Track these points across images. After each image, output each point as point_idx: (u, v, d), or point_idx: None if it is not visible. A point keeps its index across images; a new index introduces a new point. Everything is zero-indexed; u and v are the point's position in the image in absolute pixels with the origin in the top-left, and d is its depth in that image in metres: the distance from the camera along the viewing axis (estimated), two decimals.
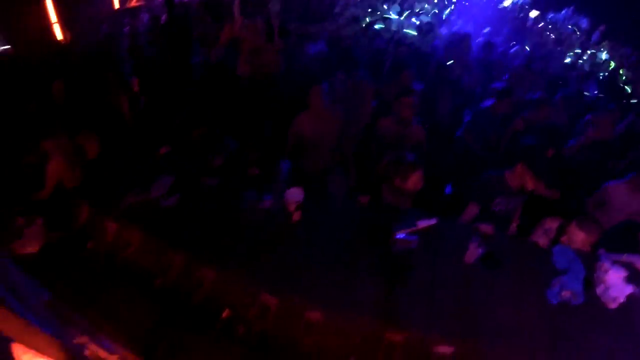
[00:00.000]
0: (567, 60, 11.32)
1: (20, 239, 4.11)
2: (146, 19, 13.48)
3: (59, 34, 15.01)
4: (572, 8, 14.56)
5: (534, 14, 14.75)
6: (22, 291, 3.07)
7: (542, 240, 4.17)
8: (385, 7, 12.66)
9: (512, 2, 16.01)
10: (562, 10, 14.64)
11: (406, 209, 4.24)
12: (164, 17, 11.91)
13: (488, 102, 6.42)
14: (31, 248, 4.05)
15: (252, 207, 3.99)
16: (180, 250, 3.72)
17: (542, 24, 13.87)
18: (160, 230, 3.97)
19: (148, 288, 3.70)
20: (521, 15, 14.88)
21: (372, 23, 10.82)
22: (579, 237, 4.05)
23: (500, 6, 15.81)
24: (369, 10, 12.14)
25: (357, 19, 10.86)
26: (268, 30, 6.61)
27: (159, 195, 4.29)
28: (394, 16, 11.54)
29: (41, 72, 8.66)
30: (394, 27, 10.83)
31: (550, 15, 14.41)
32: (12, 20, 12.37)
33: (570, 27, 13.80)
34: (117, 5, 19.16)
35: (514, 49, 10.38)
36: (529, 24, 13.91)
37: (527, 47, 10.99)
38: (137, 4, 18.57)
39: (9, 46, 11.47)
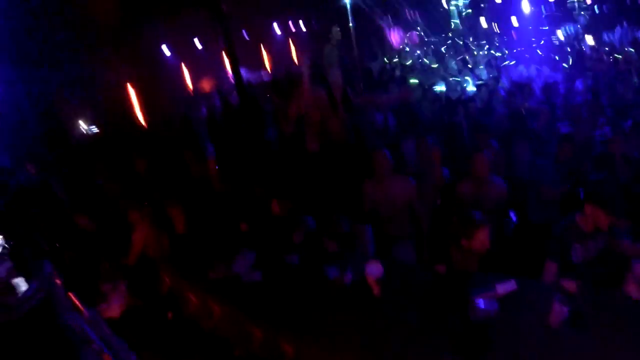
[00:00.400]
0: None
1: (105, 302, 4.26)
2: (218, 102, 14.28)
3: (140, 117, 16.09)
4: (625, 24, 14.12)
5: (590, 41, 14.43)
6: (114, 346, 3.19)
7: (634, 290, 3.76)
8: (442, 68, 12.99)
9: (565, 33, 16.07)
10: (615, 27, 14.20)
11: (485, 273, 4.09)
12: (234, 99, 12.61)
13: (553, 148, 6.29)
14: (114, 312, 4.18)
15: (334, 282, 4.03)
16: (262, 322, 3.77)
17: (600, 48, 13.39)
18: (243, 304, 4.03)
19: (227, 358, 3.75)
20: (577, 44, 14.69)
21: (431, 85, 10.94)
22: None
23: (554, 39, 15.93)
24: (429, 72, 12.42)
25: (419, 85, 11.08)
26: (331, 101, 6.67)
27: (242, 272, 4.39)
28: (455, 78, 11.72)
29: (125, 151, 9.24)
30: (457, 87, 10.95)
31: (605, 37, 13.96)
32: (99, 105, 13.39)
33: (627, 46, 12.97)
34: (191, 90, 20.47)
35: (576, 84, 9.87)
36: (586, 52, 13.49)
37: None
38: (210, 88, 19.73)
39: (96, 129, 12.36)
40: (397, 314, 3.64)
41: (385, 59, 16.06)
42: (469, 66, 13.24)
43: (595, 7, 16.73)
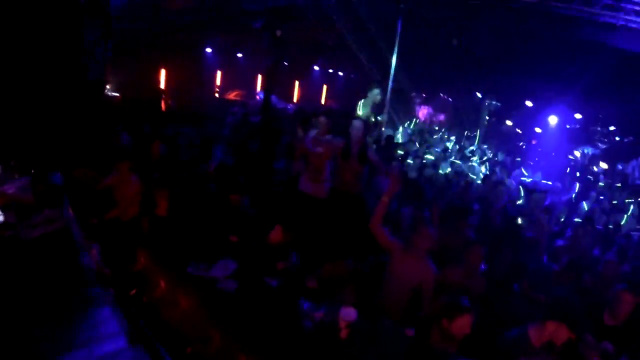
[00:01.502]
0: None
1: None
2: (239, 114, 14.41)
3: (164, 100, 16.34)
4: None
5: (604, 166, 14.87)
6: None
7: None
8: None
9: (582, 152, 16.48)
10: (630, 160, 14.47)
11: (451, 354, 4.07)
12: (256, 118, 12.76)
13: (553, 265, 6.31)
14: None
15: (304, 314, 4.03)
16: (224, 329, 3.74)
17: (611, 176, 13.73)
18: (210, 306, 4.02)
19: (180, 351, 3.70)
20: (590, 166, 15.01)
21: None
22: None
23: (571, 156, 16.31)
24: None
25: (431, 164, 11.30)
26: (345, 152, 6.82)
27: (220, 276, 4.39)
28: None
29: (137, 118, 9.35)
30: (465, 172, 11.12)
31: (620, 167, 14.26)
32: (129, 78, 13.63)
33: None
34: (217, 92, 20.78)
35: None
36: (598, 176, 13.73)
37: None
38: (234, 97, 20.06)
39: (118, 94, 12.55)
40: None
41: (408, 131, 16.33)
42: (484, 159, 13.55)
43: (617, 137, 17.52)
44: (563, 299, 4.61)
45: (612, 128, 17.90)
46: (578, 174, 13.63)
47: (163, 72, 16.88)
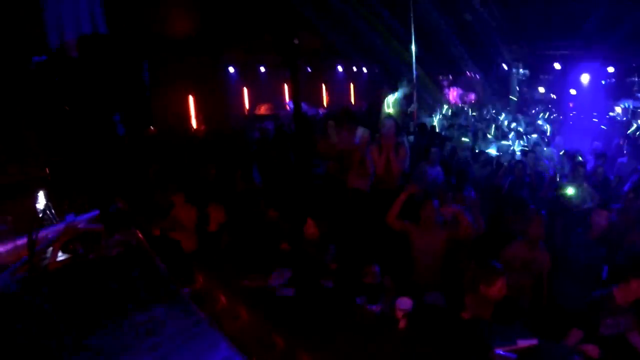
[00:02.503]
0: None
1: None
2: (271, 127, 14.59)
3: (194, 124, 16.70)
4: None
5: None
6: None
7: None
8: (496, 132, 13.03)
9: (623, 107, 15.95)
10: None
11: (509, 325, 4.09)
12: (288, 128, 12.91)
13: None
14: None
15: (363, 310, 4.11)
16: (286, 335, 3.84)
17: None
18: (270, 315, 4.13)
19: None
20: (632, 121, 14.42)
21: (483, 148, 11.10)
22: None
23: (610, 114, 15.82)
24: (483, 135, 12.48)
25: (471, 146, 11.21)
26: (380, 147, 7.06)
27: (277, 285, 4.51)
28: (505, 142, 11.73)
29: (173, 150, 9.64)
30: (507, 150, 10.97)
31: None
32: (158, 106, 13.97)
33: None
34: (247, 110, 21.04)
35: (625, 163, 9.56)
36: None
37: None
38: (265, 112, 20.28)
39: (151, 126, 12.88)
40: (419, 350, 3.69)
41: (441, 115, 16.18)
42: (520, 130, 13.29)
43: None
44: None
45: None
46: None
47: (191, 98, 17.22)
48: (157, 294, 3.23)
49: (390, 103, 11.19)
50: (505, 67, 20.21)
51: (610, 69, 17.40)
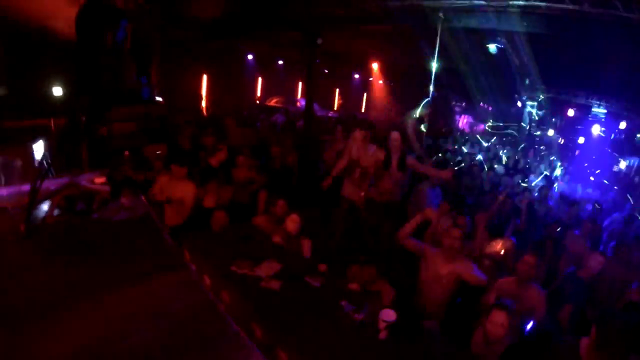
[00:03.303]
0: None
1: None
2: (281, 120, 14.61)
3: (203, 105, 16.73)
4: None
5: None
6: None
7: None
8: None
9: (627, 165, 16.07)
10: None
11: None
12: (299, 124, 12.94)
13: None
14: None
15: (346, 315, 4.12)
16: (265, 326, 3.85)
17: None
18: (253, 304, 4.13)
19: None
20: (635, 177, 14.65)
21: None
22: None
23: (615, 168, 15.91)
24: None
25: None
26: (386, 159, 7.00)
27: (264, 276, 4.51)
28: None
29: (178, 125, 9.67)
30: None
31: None
32: (171, 84, 14.05)
33: None
34: (257, 99, 21.09)
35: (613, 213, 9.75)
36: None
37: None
38: (276, 104, 20.32)
39: (161, 99, 12.92)
40: None
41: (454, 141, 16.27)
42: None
43: None
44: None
45: None
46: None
47: (205, 78, 17.24)
48: (166, 264, 3.24)
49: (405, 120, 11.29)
50: (520, 105, 20.30)
51: (622, 125, 17.53)
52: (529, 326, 4.90)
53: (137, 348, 2.54)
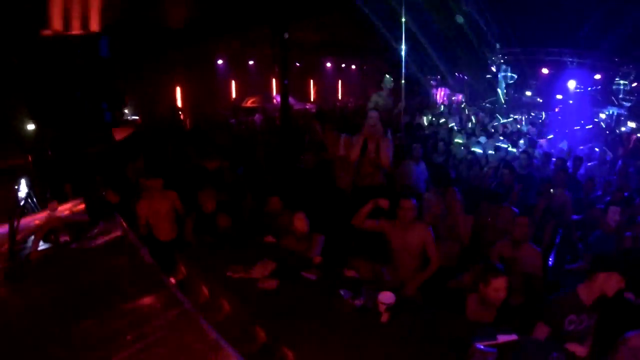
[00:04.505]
0: None
1: None
2: (259, 120, 14.58)
3: (180, 116, 16.63)
4: None
5: (632, 125, 14.97)
6: None
7: None
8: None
9: (608, 114, 16.40)
10: None
11: (487, 323, 4.16)
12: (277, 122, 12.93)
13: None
14: None
15: (345, 303, 4.12)
16: (268, 327, 3.85)
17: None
18: (253, 306, 4.12)
19: None
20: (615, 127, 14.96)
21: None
22: None
23: (596, 119, 16.14)
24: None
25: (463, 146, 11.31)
26: (364, 145, 6.86)
27: (260, 277, 4.50)
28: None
29: (159, 141, 9.63)
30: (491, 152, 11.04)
31: None
32: (145, 99, 13.96)
33: None
34: (234, 102, 21.00)
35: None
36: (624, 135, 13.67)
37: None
38: (253, 105, 20.26)
39: (137, 117, 12.87)
40: (400, 343, 3.71)
41: (431, 116, 16.28)
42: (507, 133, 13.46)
43: None
44: (607, 252, 4.65)
45: (635, 85, 17.60)
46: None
47: (178, 90, 17.16)
48: (143, 285, 3.23)
49: (375, 101, 11.23)
50: (494, 70, 20.37)
51: (597, 76, 17.64)
52: None
53: None
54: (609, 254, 4.44)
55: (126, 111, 12.47)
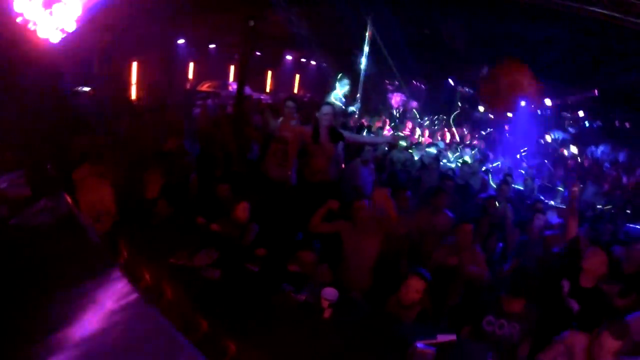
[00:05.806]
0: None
1: None
2: (211, 105, 14.33)
3: (133, 92, 16.24)
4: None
5: (574, 150, 15.81)
6: None
7: None
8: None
9: (553, 138, 17.18)
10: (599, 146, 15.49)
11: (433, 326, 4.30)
12: (229, 109, 12.74)
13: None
14: None
15: (288, 297, 4.13)
16: (210, 316, 3.81)
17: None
18: (195, 295, 4.08)
19: None
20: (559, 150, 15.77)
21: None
22: (610, 346, 3.60)
23: (541, 141, 17.05)
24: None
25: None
26: (315, 133, 6.79)
27: (202, 265, 4.44)
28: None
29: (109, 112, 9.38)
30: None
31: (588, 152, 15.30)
32: (100, 72, 13.57)
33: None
34: (189, 84, 20.64)
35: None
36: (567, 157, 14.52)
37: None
38: (207, 89, 19.98)
39: (89, 88, 12.44)
40: (341, 340, 3.76)
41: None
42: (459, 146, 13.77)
43: (586, 122, 18.30)
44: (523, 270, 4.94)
45: (581, 114, 18.48)
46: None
47: (134, 65, 16.72)
48: (88, 269, 3.10)
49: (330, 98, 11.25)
50: (452, 83, 20.81)
51: (548, 102, 18.31)
52: None
53: None
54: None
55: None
